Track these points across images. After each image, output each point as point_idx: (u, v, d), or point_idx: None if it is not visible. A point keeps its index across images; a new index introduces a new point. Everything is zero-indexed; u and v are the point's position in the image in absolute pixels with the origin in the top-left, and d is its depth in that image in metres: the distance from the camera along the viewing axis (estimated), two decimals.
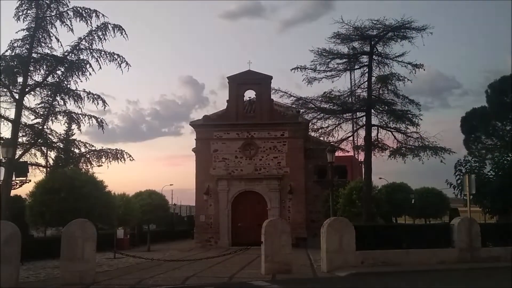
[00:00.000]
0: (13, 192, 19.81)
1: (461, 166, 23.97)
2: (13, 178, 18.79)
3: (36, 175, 22.16)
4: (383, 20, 21.40)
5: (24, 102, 20.63)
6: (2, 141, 19.35)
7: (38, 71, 21.02)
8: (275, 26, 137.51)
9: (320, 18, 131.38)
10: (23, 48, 20.55)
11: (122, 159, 23.14)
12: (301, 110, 24.51)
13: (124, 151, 23.33)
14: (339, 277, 12.45)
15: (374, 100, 22.38)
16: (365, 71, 22.82)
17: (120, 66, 21.40)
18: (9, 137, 19.82)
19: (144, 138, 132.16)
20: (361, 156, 27.01)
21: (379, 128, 22.78)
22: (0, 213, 17.30)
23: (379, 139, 22.87)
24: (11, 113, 20.51)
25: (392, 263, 13.99)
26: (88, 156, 23.20)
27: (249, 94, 31.90)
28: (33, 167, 22.14)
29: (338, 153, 24.36)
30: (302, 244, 25.99)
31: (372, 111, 22.43)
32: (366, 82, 22.64)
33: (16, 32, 20.65)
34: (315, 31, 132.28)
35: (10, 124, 20.25)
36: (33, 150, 22.26)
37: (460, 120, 42.17)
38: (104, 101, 21.96)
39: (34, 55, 20.75)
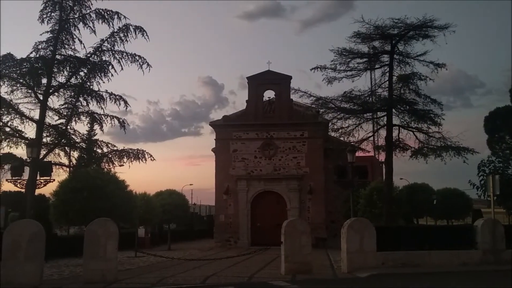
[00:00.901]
0: (37, 191, 20.02)
1: (484, 167, 23.63)
2: (38, 178, 18.96)
3: (60, 175, 22.54)
4: (404, 19, 21.31)
5: (48, 103, 20.98)
6: (27, 141, 19.63)
7: (62, 72, 21.31)
8: (294, 26, 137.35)
9: (340, 18, 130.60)
10: (47, 50, 20.84)
11: (143, 159, 23.30)
12: (321, 110, 24.48)
13: (145, 151, 23.53)
14: (359, 278, 12.33)
15: (395, 100, 22.25)
16: (386, 71, 22.80)
17: (141, 67, 21.56)
18: (34, 137, 20.11)
19: (164, 138, 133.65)
20: (382, 157, 27.31)
21: (400, 128, 22.65)
22: (26, 212, 17.68)
23: (400, 139, 22.78)
24: (36, 114, 20.89)
25: (413, 265, 13.82)
26: (110, 156, 23.43)
27: (269, 94, 31.96)
28: (57, 166, 22.43)
29: (359, 153, 24.33)
30: (321, 245, 25.90)
31: (393, 110, 22.35)
32: (387, 82, 22.61)
33: (41, 34, 21.02)
34: (335, 30, 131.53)
35: (34, 125, 20.57)
36: (56, 150, 22.59)
37: (483, 119, 41.30)
38: (125, 102, 22.18)
39: (58, 56, 21.00)
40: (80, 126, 66.54)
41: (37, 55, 20.68)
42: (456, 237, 15.17)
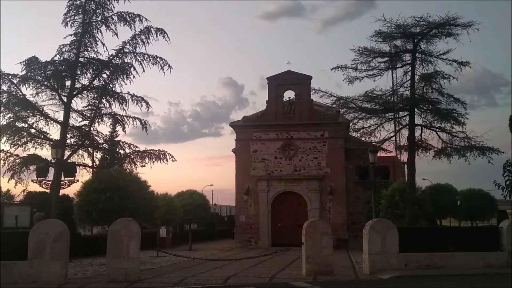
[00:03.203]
0: (61, 192, 20.16)
1: (510, 167, 23.03)
2: (62, 178, 19.15)
3: (83, 175, 22.71)
4: (427, 17, 20.84)
5: (72, 104, 21.16)
6: (51, 143, 19.85)
7: (85, 74, 21.46)
8: (315, 26, 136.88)
9: (361, 17, 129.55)
10: (71, 53, 21.00)
11: (164, 160, 23.38)
12: (342, 110, 24.13)
13: (166, 152, 23.60)
14: (381, 279, 12.23)
15: (418, 99, 21.95)
16: (408, 70, 22.43)
17: (163, 69, 21.64)
18: (58, 138, 20.34)
19: (185, 139, 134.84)
20: (404, 157, 26.62)
21: (423, 128, 22.33)
22: (51, 212, 17.95)
23: (423, 139, 22.45)
24: (60, 116, 21.09)
25: (437, 267, 13.65)
26: (132, 156, 23.56)
27: (289, 95, 31.92)
28: (81, 167, 22.61)
29: (380, 154, 24.08)
30: (343, 246, 25.82)
31: (416, 110, 21.98)
32: (409, 81, 22.23)
33: (64, 38, 21.18)
34: (356, 30, 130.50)
35: (59, 126, 20.78)
36: (80, 151, 22.79)
37: (509, 118, 40.49)
38: (147, 103, 22.31)
39: (81, 59, 21.17)
40: (103, 128, 67.59)
41: (61, 58, 20.87)
42: (481, 238, 14.95)
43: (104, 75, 21.77)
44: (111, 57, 21.55)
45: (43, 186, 19.03)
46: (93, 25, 21.36)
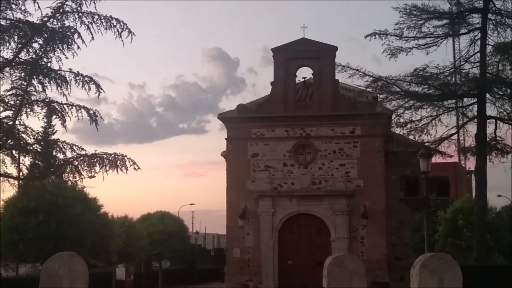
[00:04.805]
0: None
1: None
2: None
3: (5, 190, 22.64)
4: None
5: None
6: None
7: (7, 44, 21.27)
8: None
9: None
10: None
11: (123, 168, 23.37)
12: (380, 96, 24.47)
13: (125, 156, 23.57)
14: None
15: (491, 80, 22.28)
16: (476, 37, 22.61)
17: (120, 36, 21.66)
18: None
19: (153, 138, 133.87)
20: (471, 163, 27.42)
21: (498, 122, 22.55)
22: None
23: (498, 138, 22.66)
24: None
25: None
26: (77, 163, 23.54)
27: (304, 73, 31.60)
28: (1, 178, 22.54)
29: (437, 159, 24.33)
30: None
31: (488, 96, 22.19)
32: (478, 54, 22.49)
33: None
34: None
35: None
36: (1, 155, 22.62)
37: None
38: (98, 86, 22.28)
39: (2, 21, 21.11)
40: (34, 121, 67.33)
41: None
42: None
43: (36, 45, 21.66)
44: (46, 19, 21.36)
45: None
46: None
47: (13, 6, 21.15)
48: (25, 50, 21.63)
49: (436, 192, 22.69)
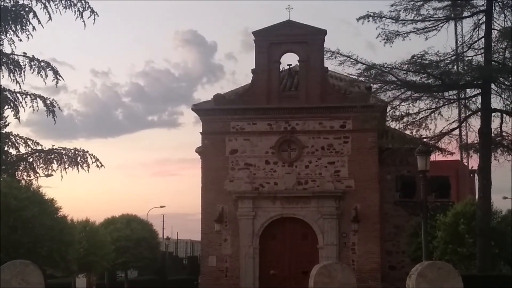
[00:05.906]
0: None
1: None
2: None
3: None
4: None
5: None
6: None
7: None
8: None
9: None
10: None
11: (84, 165, 24.54)
12: (374, 86, 24.55)
13: (87, 152, 24.74)
14: None
15: (496, 69, 22.32)
16: (480, 21, 22.85)
17: (82, 16, 22.55)
18: None
19: (119, 132, 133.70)
20: (474, 162, 28.38)
21: (504, 115, 22.94)
22: None
23: (504, 133, 23.05)
24: None
25: None
26: (31, 159, 24.58)
27: (289, 60, 31.77)
28: None
29: (436, 157, 24.60)
30: None
31: (493, 87, 22.48)
32: (483, 40, 22.76)
33: None
34: None
35: None
36: None
37: None
38: (56, 72, 23.20)
39: None
40: None
41: None
42: None
43: None
44: None
45: None
46: None
47: None
48: None
49: (436, 194, 22.20)
